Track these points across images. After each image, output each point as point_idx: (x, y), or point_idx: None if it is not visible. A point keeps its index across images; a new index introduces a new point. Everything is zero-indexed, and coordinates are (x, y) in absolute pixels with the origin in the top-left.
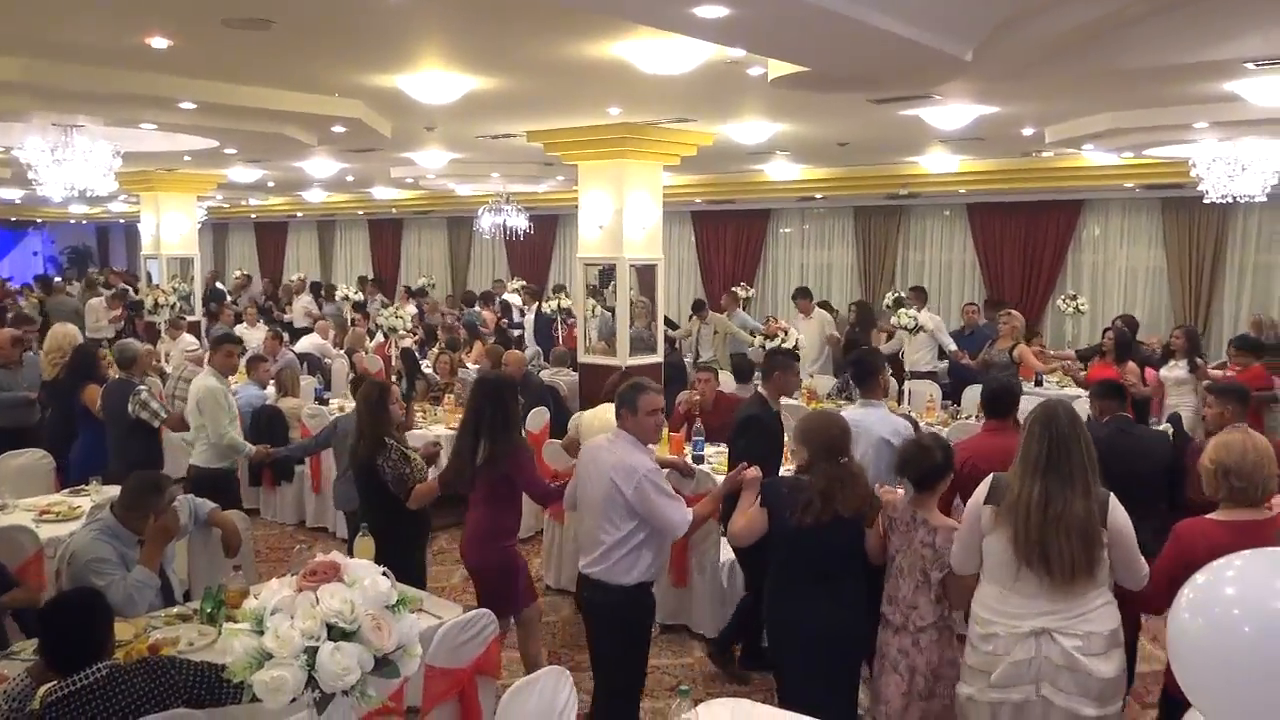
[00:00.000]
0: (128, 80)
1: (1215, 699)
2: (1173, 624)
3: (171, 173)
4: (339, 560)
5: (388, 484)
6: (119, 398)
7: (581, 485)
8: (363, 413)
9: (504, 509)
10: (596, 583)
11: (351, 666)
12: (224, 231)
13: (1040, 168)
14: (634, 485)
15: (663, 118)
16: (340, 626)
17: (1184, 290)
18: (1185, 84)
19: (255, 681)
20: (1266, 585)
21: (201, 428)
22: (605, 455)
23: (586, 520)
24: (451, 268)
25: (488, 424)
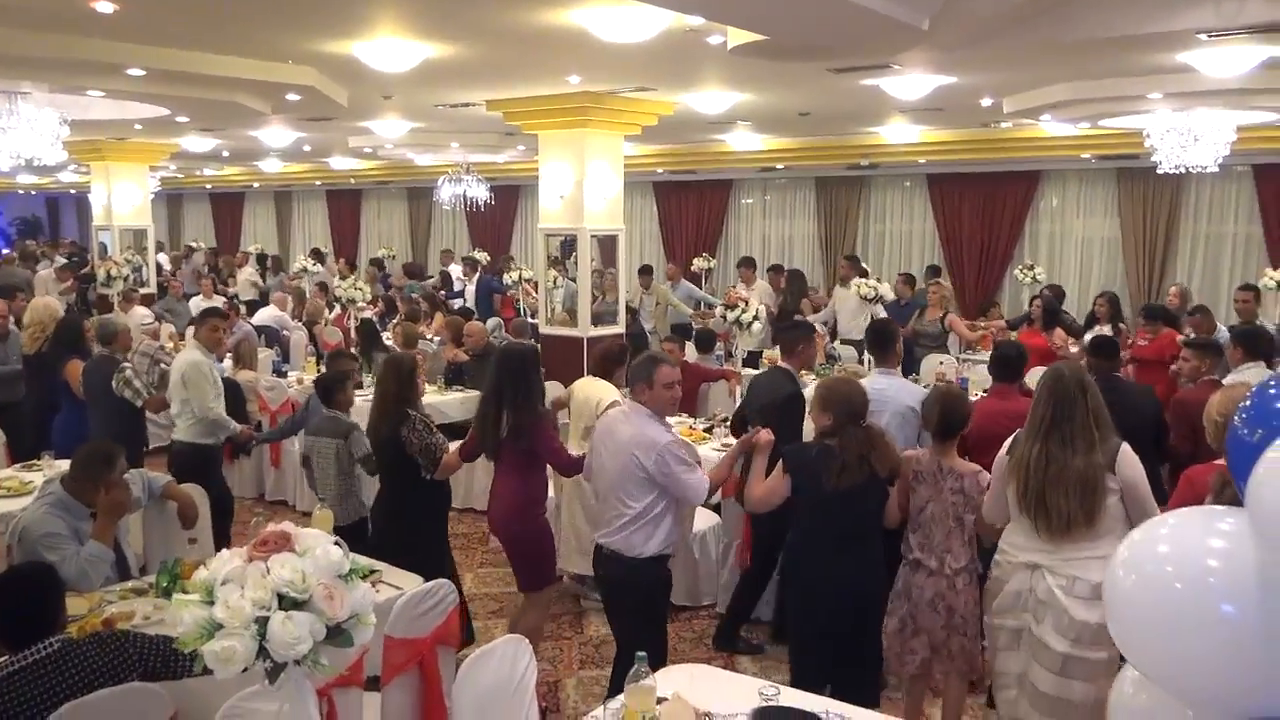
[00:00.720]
0: (73, 46)
1: (1148, 655)
2: (1108, 581)
3: (122, 142)
4: (290, 530)
5: (414, 456)
6: (101, 375)
7: (596, 458)
8: (390, 385)
9: (533, 478)
10: (613, 555)
11: (303, 636)
12: (178, 202)
13: (999, 138)
14: (654, 458)
15: (623, 87)
16: (291, 596)
17: (1138, 260)
18: (1139, 55)
19: (205, 652)
20: (1198, 543)
21: (185, 403)
22: (623, 428)
23: (603, 493)
24: (412, 239)
25: (510, 396)
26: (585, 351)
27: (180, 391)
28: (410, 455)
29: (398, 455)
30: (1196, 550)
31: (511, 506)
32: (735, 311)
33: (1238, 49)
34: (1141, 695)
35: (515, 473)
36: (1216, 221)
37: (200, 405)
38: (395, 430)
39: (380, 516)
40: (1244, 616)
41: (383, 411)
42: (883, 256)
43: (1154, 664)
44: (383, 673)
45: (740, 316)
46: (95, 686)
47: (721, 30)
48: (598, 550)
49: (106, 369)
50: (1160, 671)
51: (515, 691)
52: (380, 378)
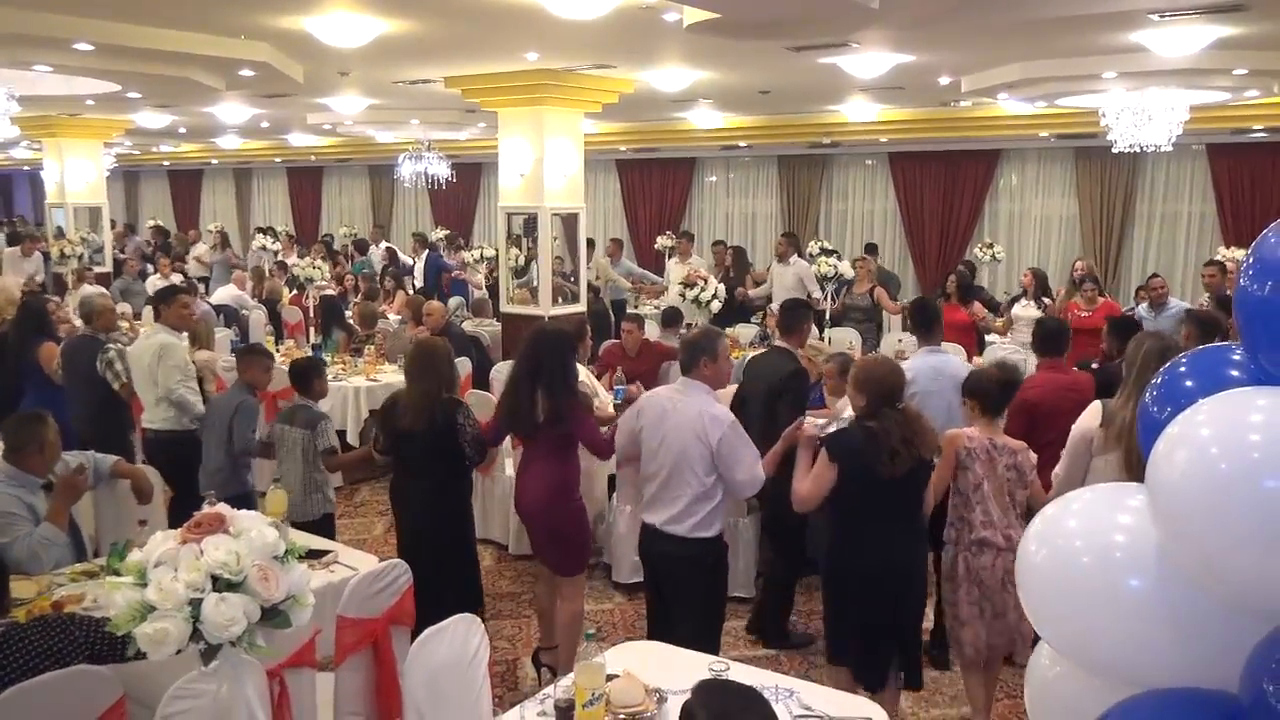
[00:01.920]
0: (17, 20)
1: (1057, 627)
2: (1020, 555)
3: (75, 118)
4: (226, 511)
5: (465, 444)
6: (85, 355)
7: (651, 437)
8: (431, 373)
9: (569, 460)
10: (674, 537)
11: (237, 617)
12: (135, 180)
13: (958, 117)
14: (720, 435)
15: (582, 64)
16: (225, 578)
17: (1095, 238)
18: (1093, 35)
19: (138, 634)
20: (1106, 519)
21: (159, 386)
22: (683, 404)
23: (657, 474)
24: (374, 217)
25: (547, 379)
26: None
27: (153, 376)
28: (461, 445)
29: (451, 445)
30: (1104, 525)
31: (549, 490)
32: (694, 290)
33: (1188, 29)
34: (1056, 667)
35: (550, 456)
36: (1172, 201)
37: (165, 384)
38: (451, 418)
39: (427, 515)
40: (1148, 590)
41: (426, 398)
42: (845, 235)
43: (1063, 637)
44: (335, 653)
45: (699, 294)
46: (40, 670)
47: (677, 8)
48: (650, 531)
49: (90, 349)
50: (1069, 644)
51: (468, 669)
52: (417, 364)
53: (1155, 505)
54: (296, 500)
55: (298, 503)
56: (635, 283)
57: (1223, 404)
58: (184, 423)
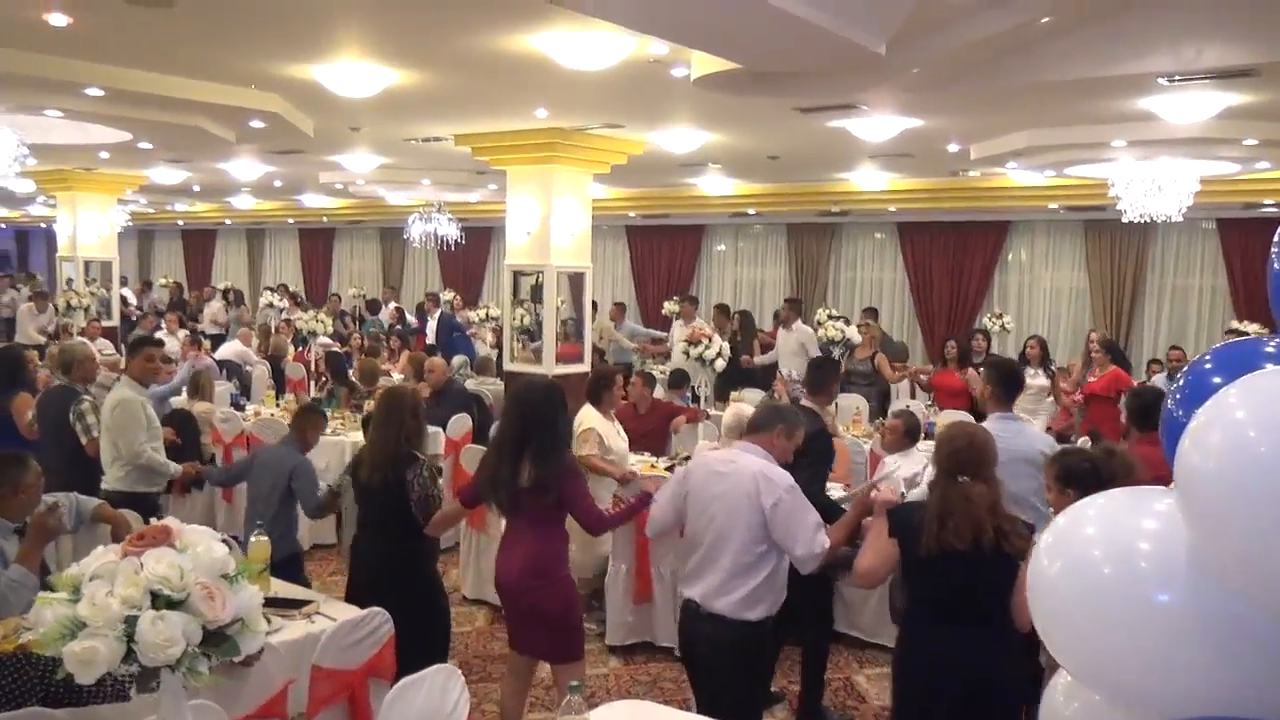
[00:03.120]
0: (29, 62)
1: (1075, 651)
2: (1032, 569)
3: (90, 172)
4: (173, 525)
5: (410, 503)
6: (58, 406)
7: (697, 500)
8: (393, 421)
9: (554, 531)
10: (713, 616)
11: (175, 638)
12: (150, 238)
13: (967, 187)
14: (775, 499)
15: (591, 123)
16: (166, 595)
17: (1105, 311)
18: (1102, 101)
19: (65, 653)
20: (1129, 524)
21: (116, 446)
22: (735, 467)
23: (700, 541)
24: (384, 279)
25: (535, 441)
26: None
27: (113, 434)
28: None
29: (399, 501)
30: (1127, 532)
31: (532, 566)
32: (698, 348)
33: (1198, 95)
34: (1074, 703)
35: (535, 526)
36: (1183, 274)
37: (128, 448)
38: (400, 473)
39: (371, 569)
40: (1180, 604)
41: (383, 450)
42: (854, 303)
43: (1082, 662)
44: (308, 705)
45: (703, 353)
46: None
47: (685, 62)
48: (689, 609)
49: (63, 400)
50: (1089, 670)
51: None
52: (379, 412)
53: (1186, 500)
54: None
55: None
56: (640, 344)
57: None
58: (144, 485)
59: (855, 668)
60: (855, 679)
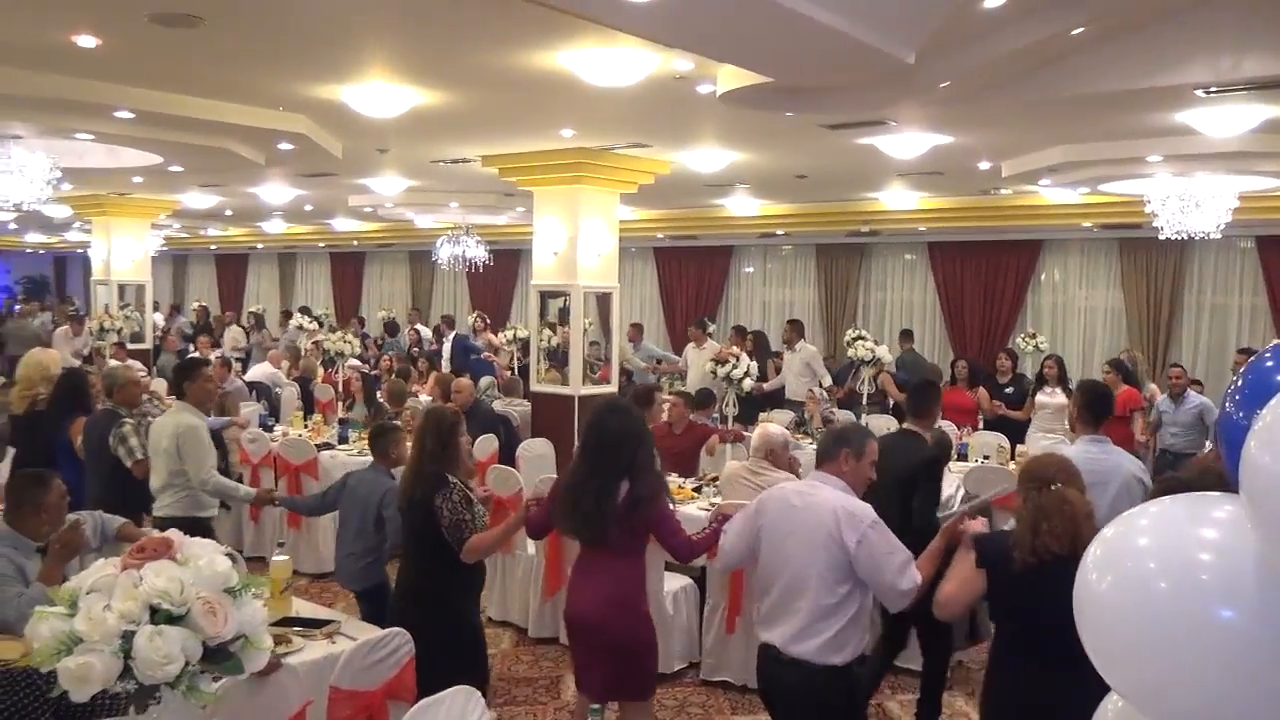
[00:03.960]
0: (59, 85)
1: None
2: (1079, 584)
3: (124, 197)
4: (175, 537)
5: (441, 530)
6: (100, 430)
7: (772, 537)
8: (429, 443)
9: (637, 562)
10: (796, 663)
11: (174, 655)
12: (184, 263)
13: (999, 206)
14: (859, 536)
15: (617, 142)
16: (166, 609)
17: (1142, 330)
18: (1137, 114)
19: (60, 669)
20: (1188, 534)
21: (177, 473)
22: (814, 500)
23: (775, 581)
24: (413, 302)
25: (621, 466)
26: (576, 409)
27: (170, 460)
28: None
29: (429, 527)
30: (1185, 542)
31: (615, 600)
32: (725, 367)
33: (1236, 108)
34: None
35: (618, 557)
36: (1221, 293)
37: (197, 474)
38: (429, 496)
39: (400, 597)
40: (1246, 622)
41: (417, 471)
42: (884, 324)
43: (1135, 686)
44: None
45: (730, 372)
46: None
47: (710, 78)
48: (769, 654)
49: (106, 423)
50: (1143, 695)
51: None
52: (416, 433)
53: (1254, 505)
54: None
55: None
56: (649, 365)
57: None
58: (197, 509)
59: (888, 693)
60: (888, 705)
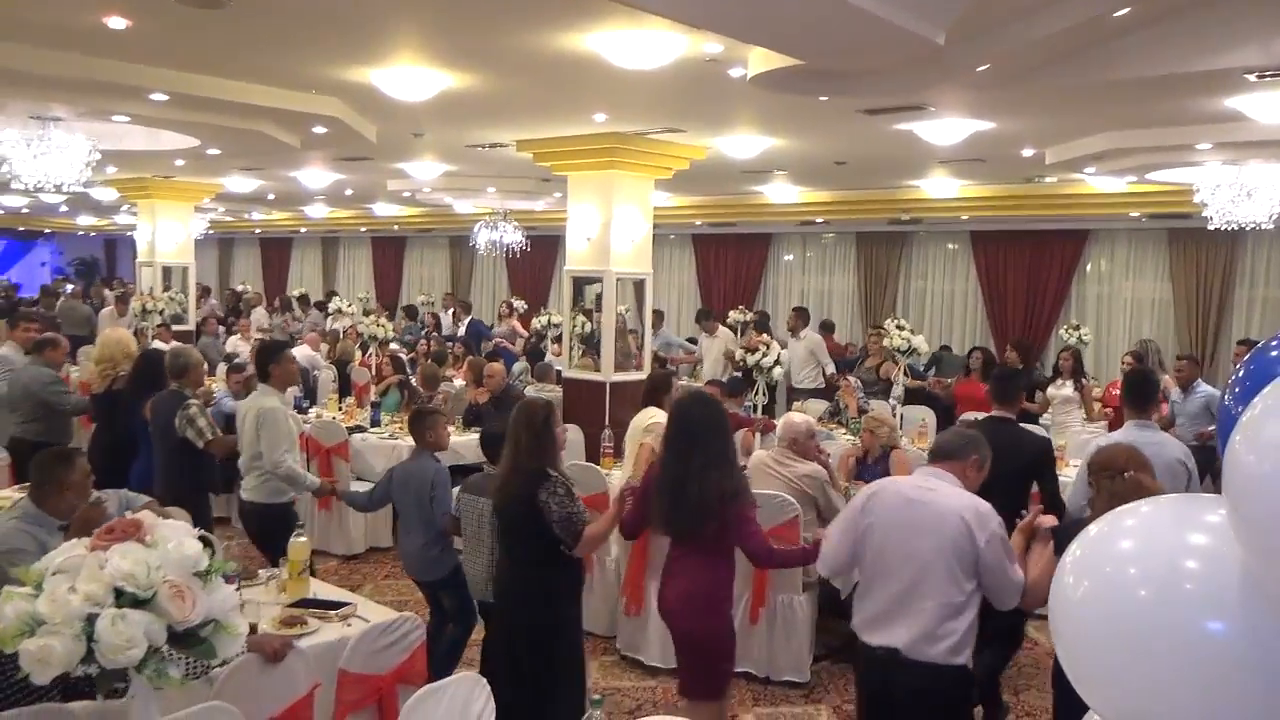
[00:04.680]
0: (94, 67)
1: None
2: (1055, 590)
3: (168, 180)
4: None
5: (551, 525)
6: (167, 411)
7: (886, 535)
8: (524, 437)
9: (722, 561)
10: (921, 665)
11: (136, 639)
12: (229, 246)
13: (1043, 194)
14: (988, 535)
15: (651, 127)
16: (130, 592)
17: (1190, 323)
18: (1185, 100)
19: (22, 651)
20: (1173, 539)
21: (257, 455)
22: (934, 496)
23: (890, 581)
24: (453, 286)
25: (705, 460)
26: (608, 396)
27: (253, 444)
28: (546, 524)
29: (532, 523)
30: (1170, 547)
31: (695, 596)
32: (755, 355)
33: None
34: None
35: (702, 554)
36: (1275, 286)
37: (270, 457)
38: (531, 492)
39: (501, 597)
40: (1233, 636)
41: (514, 467)
42: (924, 314)
43: (1113, 703)
44: (335, 710)
45: (760, 360)
46: (11, 704)
47: (741, 62)
48: (883, 657)
49: (172, 405)
50: (1120, 710)
51: None
52: (510, 426)
53: (1236, 510)
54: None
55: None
56: (668, 355)
57: None
58: (275, 496)
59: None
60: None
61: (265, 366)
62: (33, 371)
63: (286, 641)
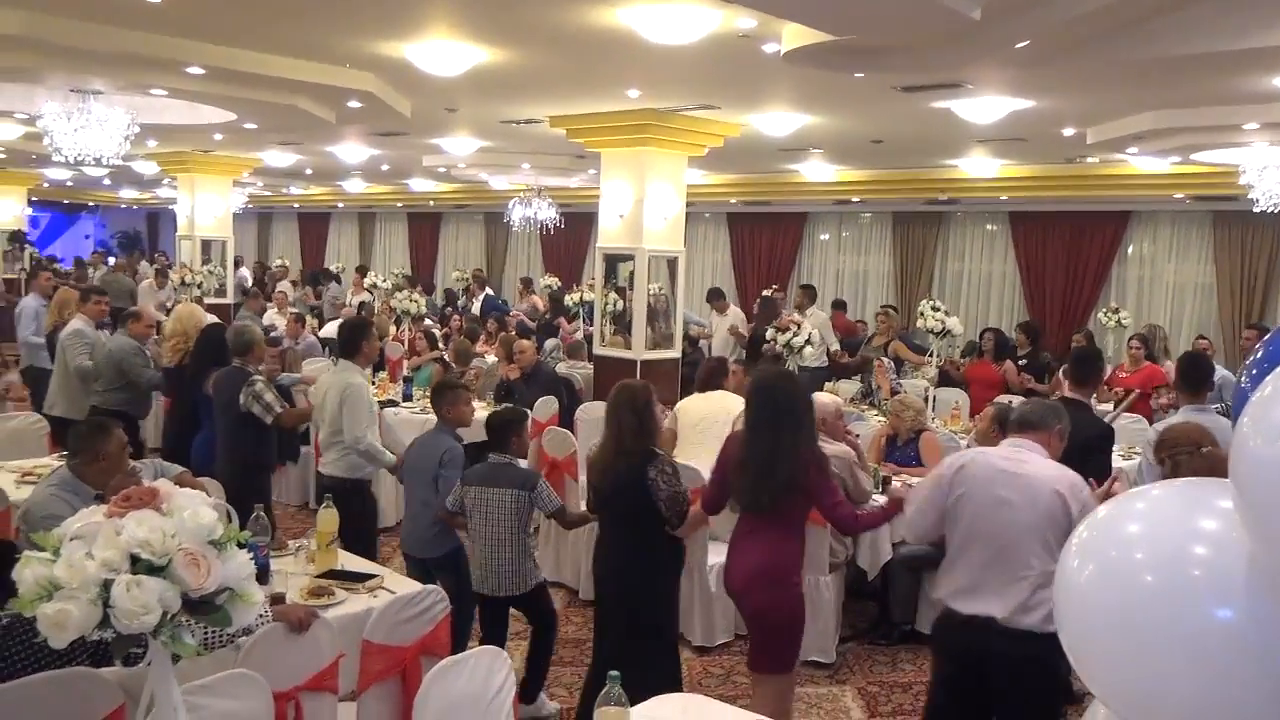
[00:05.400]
0: (131, 40)
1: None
2: (1059, 574)
3: (207, 154)
4: (164, 487)
5: (659, 503)
6: (230, 387)
7: (977, 504)
8: (627, 419)
9: (794, 534)
10: (1020, 633)
11: (150, 605)
12: (268, 220)
13: (1085, 175)
14: (1081, 505)
15: (685, 104)
16: (146, 559)
17: (1234, 308)
18: (1232, 77)
19: (39, 615)
20: (1182, 523)
21: (338, 431)
22: (1027, 467)
23: (979, 550)
24: (487, 262)
25: (785, 433)
26: (638, 373)
27: (334, 420)
28: (655, 503)
29: (641, 502)
30: (1179, 531)
31: (764, 568)
32: (786, 335)
33: None
34: None
35: (774, 526)
36: None
37: (351, 432)
38: (640, 472)
39: (606, 582)
40: (1242, 624)
41: (619, 449)
42: (960, 296)
43: (1119, 692)
44: (359, 680)
45: (791, 340)
46: (40, 667)
47: (775, 37)
48: (983, 624)
49: (236, 381)
50: (1126, 699)
51: (489, 706)
52: (611, 408)
53: (1241, 495)
54: (511, 569)
55: (512, 572)
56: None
57: None
58: (355, 472)
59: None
60: None
61: (356, 343)
62: (119, 341)
63: (311, 612)
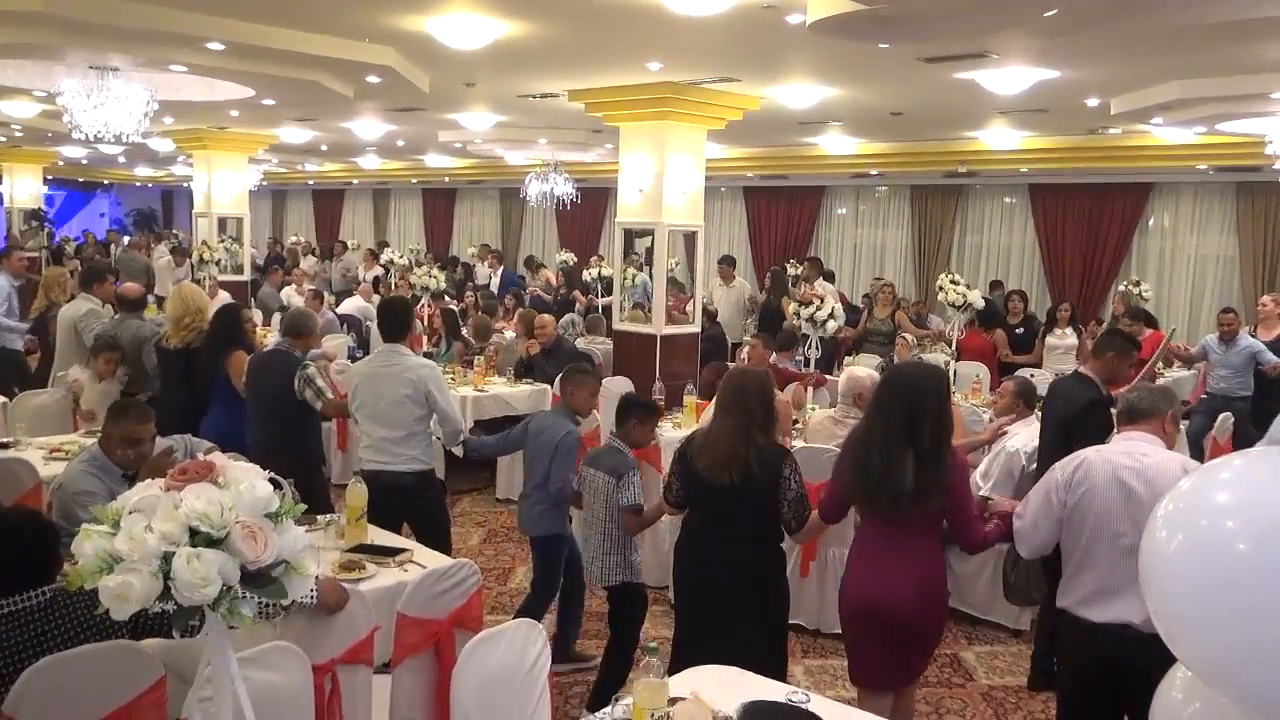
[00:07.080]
0: (151, 15)
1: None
2: (1145, 545)
3: (223, 131)
4: (219, 460)
5: (785, 503)
6: (275, 371)
7: (1106, 509)
8: (756, 409)
9: (938, 544)
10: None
11: (211, 577)
12: (283, 197)
13: (1107, 146)
14: None
15: (705, 77)
16: (205, 532)
17: (1256, 281)
18: (1260, 45)
19: (101, 587)
20: (1272, 490)
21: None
22: (1156, 463)
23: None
24: (503, 238)
25: (924, 434)
26: (658, 349)
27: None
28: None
29: (770, 496)
30: (1269, 498)
31: (924, 582)
32: (809, 309)
33: None
34: (1194, 703)
35: (919, 536)
36: None
37: (454, 424)
38: (775, 467)
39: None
40: None
41: (748, 442)
42: (979, 269)
43: (1207, 657)
44: (394, 652)
45: (814, 314)
46: (80, 640)
47: (800, 8)
48: (1118, 632)
49: (282, 365)
50: (1214, 666)
51: (525, 679)
52: (724, 396)
53: None
54: (598, 556)
55: (599, 560)
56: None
57: None
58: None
59: (964, 644)
60: (963, 655)
61: (406, 323)
62: (136, 326)
63: (344, 594)
